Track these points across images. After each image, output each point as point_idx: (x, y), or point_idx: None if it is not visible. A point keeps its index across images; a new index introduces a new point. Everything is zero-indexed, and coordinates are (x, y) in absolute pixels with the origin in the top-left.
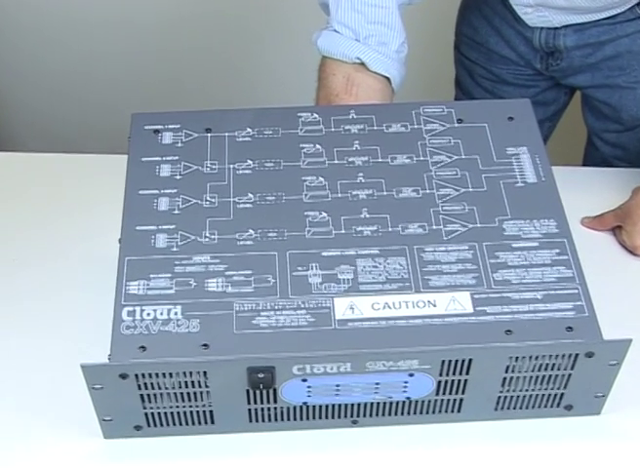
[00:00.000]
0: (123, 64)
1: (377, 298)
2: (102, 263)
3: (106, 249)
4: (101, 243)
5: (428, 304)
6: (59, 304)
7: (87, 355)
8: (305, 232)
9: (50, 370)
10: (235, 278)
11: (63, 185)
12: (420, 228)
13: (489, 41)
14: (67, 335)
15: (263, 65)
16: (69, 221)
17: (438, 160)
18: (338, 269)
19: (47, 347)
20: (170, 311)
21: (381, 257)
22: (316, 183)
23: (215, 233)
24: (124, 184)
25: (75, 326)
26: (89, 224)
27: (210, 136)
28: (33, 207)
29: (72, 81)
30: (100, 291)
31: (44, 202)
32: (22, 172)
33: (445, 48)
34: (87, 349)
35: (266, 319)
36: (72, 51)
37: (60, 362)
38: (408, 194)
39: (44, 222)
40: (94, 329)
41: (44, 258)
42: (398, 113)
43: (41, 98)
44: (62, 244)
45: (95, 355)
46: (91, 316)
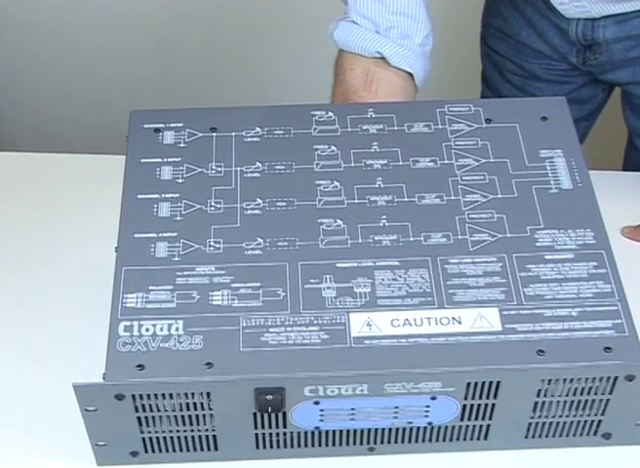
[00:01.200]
0: (121, 58)
1: (396, 314)
2: (97, 273)
3: (102, 258)
4: (96, 251)
5: (453, 321)
6: (48, 318)
7: (79, 374)
8: (319, 241)
9: (37, 390)
10: (242, 291)
11: (55, 188)
12: (445, 238)
13: (519, 33)
14: (57, 352)
15: (274, 59)
16: (61, 227)
17: (464, 163)
18: (354, 282)
19: (35, 365)
20: (170, 326)
21: (402, 269)
22: (331, 188)
23: (220, 242)
24: (121, 188)
25: (66, 342)
26: (82, 231)
27: (215, 135)
28: (21, 211)
29: (65, 75)
30: (94, 303)
31: (33, 206)
32: (10, 172)
33: (471, 40)
34: (79, 367)
35: (276, 336)
36: (67, 44)
37: (49, 381)
38: (431, 200)
39: (33, 228)
40: (87, 345)
41: (32, 267)
42: (421, 112)
43: (32, 94)
44: (53, 252)
45: (88, 374)
46: (84, 331)
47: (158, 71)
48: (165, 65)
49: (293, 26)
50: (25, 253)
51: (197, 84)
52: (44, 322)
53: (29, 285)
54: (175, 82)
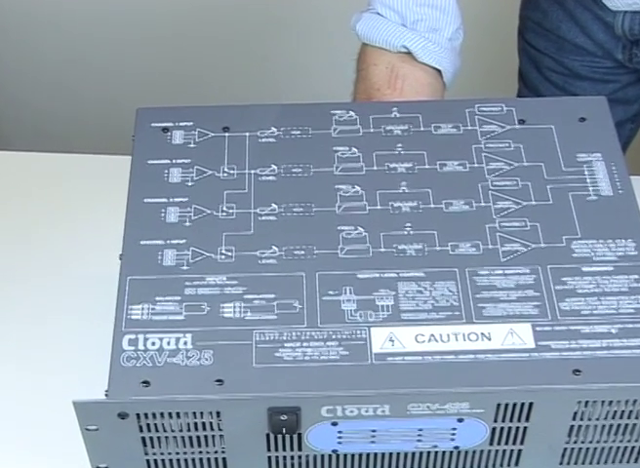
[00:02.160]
0: (127, 53)
1: (421, 329)
2: (100, 283)
3: (105, 266)
4: (99, 259)
5: (482, 337)
6: (47, 330)
7: (80, 390)
8: (338, 250)
9: (35, 406)
10: (255, 302)
11: (55, 190)
12: (474, 248)
13: (560, 27)
14: (57, 367)
15: (291, 54)
16: (61, 233)
17: (495, 167)
18: (376, 294)
19: (33, 380)
20: (178, 340)
21: (427, 281)
22: (351, 193)
23: (232, 250)
24: (126, 191)
25: (66, 356)
26: (84, 237)
27: (227, 135)
28: (19, 215)
29: (68, 71)
30: (96, 315)
31: (31, 210)
32: (8, 173)
33: (507, 34)
34: (80, 383)
35: (291, 351)
36: (69, 38)
37: (47, 397)
38: (459, 207)
39: (31, 234)
40: (88, 359)
41: (31, 276)
42: (449, 112)
43: (32, 91)
44: (52, 260)
45: (89, 390)
46: (85, 344)
47: (167, 67)
48: (174, 61)
49: (311, 18)
50: (24, 262)
51: (209, 80)
52: (43, 334)
53: (27, 294)
54: (185, 78)
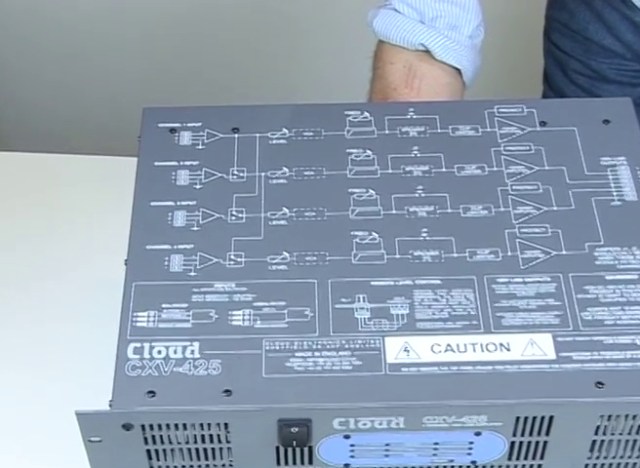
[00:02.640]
0: (132, 51)
1: (437, 339)
2: (104, 289)
3: (109, 272)
4: (103, 264)
5: (501, 348)
6: (49, 337)
7: (83, 400)
8: (351, 256)
9: (37, 417)
10: (265, 310)
11: (57, 193)
12: (492, 254)
13: (587, 28)
14: (59, 376)
15: (303, 52)
16: (64, 237)
17: (515, 171)
18: (390, 302)
19: (34, 390)
20: (185, 349)
21: (444, 289)
22: (365, 197)
23: (241, 255)
24: (132, 193)
25: (69, 365)
26: (88, 242)
27: (237, 136)
28: (19, 218)
29: (70, 69)
30: (100, 322)
31: (32, 213)
32: (8, 174)
33: (531, 34)
34: (83, 393)
35: (302, 361)
36: (69, 33)
37: (49, 407)
38: (477, 212)
39: (32, 238)
40: (92, 368)
41: (31, 282)
42: (468, 113)
43: (30, 88)
44: (55, 265)
45: (92, 400)
46: (88, 353)
47: (174, 65)
48: (182, 59)
49: (325, 14)
50: (24, 267)
51: (218, 80)
52: (44, 342)
53: (28, 301)
54: (193, 77)
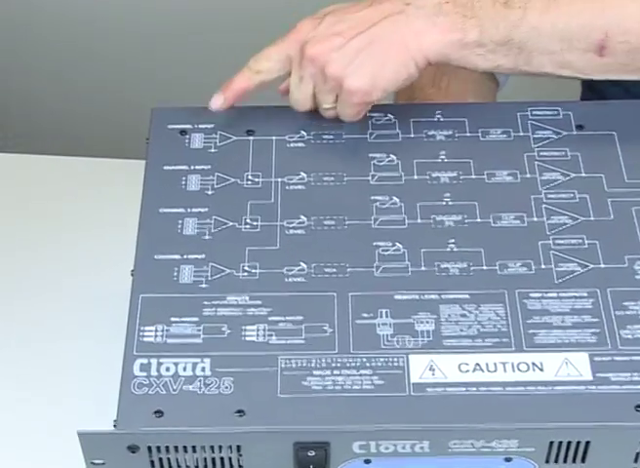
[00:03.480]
0: (140, 47)
1: (465, 357)
2: (109, 301)
3: (115, 282)
4: (108, 275)
5: (533, 367)
6: (49, 353)
7: (85, 419)
8: (374, 268)
9: (37, 437)
10: (281, 325)
11: (60, 198)
12: (525, 267)
13: None
14: (61, 394)
15: None
16: (66, 246)
17: (550, 178)
18: (415, 318)
19: (34, 407)
20: (195, 366)
21: (472, 304)
22: (389, 205)
23: (256, 266)
24: (139, 199)
25: (71, 382)
26: (92, 250)
27: (252, 139)
28: (17, 224)
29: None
30: (104, 337)
31: (32, 218)
32: (5, 176)
33: None
34: (86, 412)
35: (320, 380)
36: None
37: (50, 427)
38: (509, 222)
39: (31, 246)
40: (95, 386)
41: (31, 292)
42: (499, 116)
43: (31, 86)
44: (56, 275)
45: (96, 419)
46: (92, 370)
47: (185, 62)
48: (192, 55)
49: None
50: (23, 278)
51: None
52: (45, 358)
53: (27, 314)
54: (204, 76)
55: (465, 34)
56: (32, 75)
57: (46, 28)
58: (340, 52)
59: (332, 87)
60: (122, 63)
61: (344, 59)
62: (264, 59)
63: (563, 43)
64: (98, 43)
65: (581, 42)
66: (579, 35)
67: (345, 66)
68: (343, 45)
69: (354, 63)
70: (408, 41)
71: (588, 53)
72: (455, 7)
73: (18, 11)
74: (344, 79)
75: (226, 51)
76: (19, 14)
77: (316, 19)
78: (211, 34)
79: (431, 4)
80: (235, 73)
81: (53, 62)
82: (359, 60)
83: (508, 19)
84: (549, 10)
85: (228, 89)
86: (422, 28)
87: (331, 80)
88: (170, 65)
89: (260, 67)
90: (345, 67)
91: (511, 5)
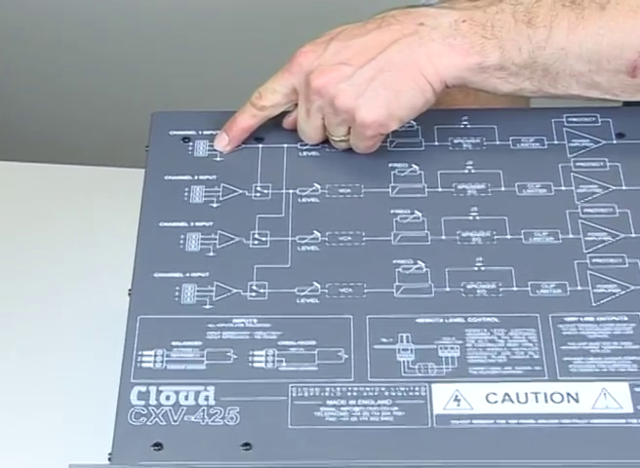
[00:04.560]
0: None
1: (493, 387)
2: (104, 323)
3: (110, 303)
4: (103, 294)
5: (568, 398)
6: (39, 379)
7: (78, 452)
8: (393, 288)
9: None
10: (292, 351)
11: (51, 209)
12: (559, 289)
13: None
14: (51, 424)
15: None
16: (58, 262)
17: (587, 191)
18: (438, 343)
19: (24, 438)
20: (198, 394)
21: (502, 329)
22: (411, 219)
23: (265, 286)
24: (138, 212)
25: (65, 410)
26: (85, 268)
27: (261, 147)
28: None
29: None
30: (99, 362)
31: (21, 231)
32: None
33: None
34: (78, 444)
35: (335, 411)
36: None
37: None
38: (542, 239)
39: (19, 263)
40: (89, 416)
41: (19, 314)
42: (532, 122)
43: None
44: (46, 295)
45: (89, 452)
46: (85, 398)
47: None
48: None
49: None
50: (10, 297)
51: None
52: (34, 384)
53: (16, 336)
54: (208, 79)
55: (485, 57)
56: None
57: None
58: (350, 82)
59: (343, 119)
60: (121, 65)
61: (355, 90)
62: (269, 93)
63: (592, 64)
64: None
65: (612, 62)
66: (609, 55)
67: (356, 97)
68: (352, 74)
69: (366, 94)
70: (422, 65)
71: (619, 74)
72: (472, 26)
73: (11, 12)
74: (357, 111)
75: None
76: (12, 15)
77: (320, 45)
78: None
79: (446, 23)
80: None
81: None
82: (371, 90)
83: (532, 40)
84: (577, 29)
85: (232, 128)
86: (438, 51)
87: (342, 112)
88: (172, 67)
89: (264, 103)
90: (357, 98)
91: (535, 23)
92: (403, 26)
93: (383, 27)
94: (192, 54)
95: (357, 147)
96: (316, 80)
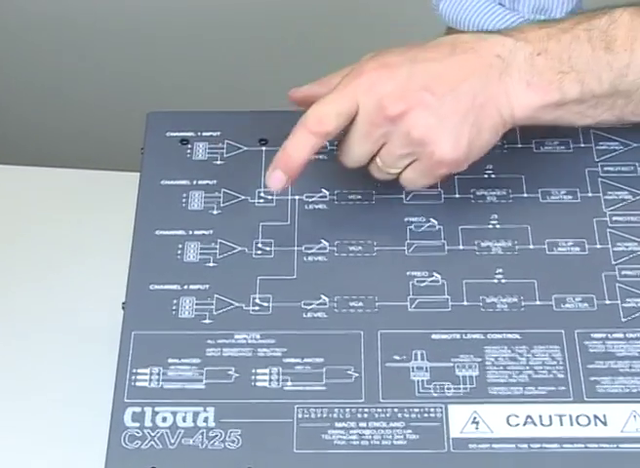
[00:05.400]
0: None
1: (514, 409)
2: (95, 339)
3: (102, 317)
4: (95, 308)
5: (595, 421)
6: (25, 398)
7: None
8: (407, 302)
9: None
10: (298, 369)
11: (39, 214)
12: (585, 303)
13: None
14: (40, 447)
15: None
16: (45, 272)
17: (616, 198)
18: (455, 361)
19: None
20: (197, 416)
21: (524, 346)
22: (426, 227)
23: (268, 299)
24: (132, 219)
25: (50, 433)
26: (75, 279)
27: (265, 150)
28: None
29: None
30: (90, 381)
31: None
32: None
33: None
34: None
35: (344, 434)
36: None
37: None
38: (567, 249)
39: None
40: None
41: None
42: None
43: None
44: (32, 308)
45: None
46: (74, 418)
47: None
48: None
49: None
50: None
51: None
52: (18, 407)
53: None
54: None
55: (564, 94)
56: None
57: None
58: (431, 112)
59: (413, 152)
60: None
61: (437, 123)
62: (332, 119)
63: None
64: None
65: None
66: None
67: (439, 131)
68: (434, 104)
69: (450, 128)
70: (500, 104)
71: None
72: (548, 61)
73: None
74: (436, 146)
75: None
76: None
77: (391, 65)
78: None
79: (521, 57)
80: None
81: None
82: (456, 125)
83: (613, 67)
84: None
85: (288, 163)
86: (515, 90)
87: (416, 145)
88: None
89: (328, 128)
90: (439, 132)
91: (614, 48)
92: (479, 56)
93: (459, 54)
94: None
95: (414, 183)
96: (393, 106)
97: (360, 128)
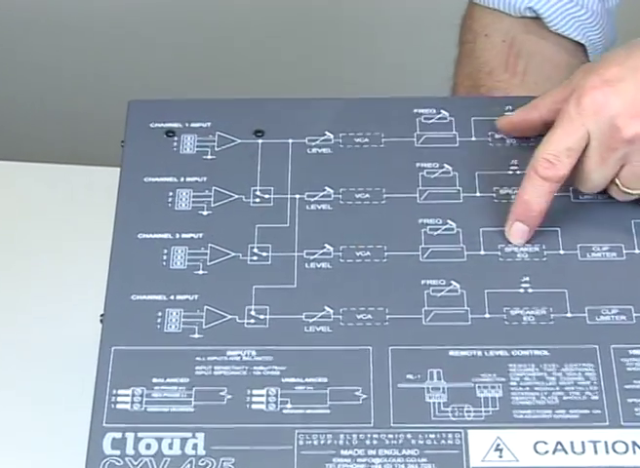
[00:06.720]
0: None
1: (543, 434)
2: (71, 355)
3: (78, 331)
4: (70, 320)
5: (634, 448)
6: None
7: None
8: (422, 314)
9: None
10: (299, 389)
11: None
12: (622, 315)
13: None
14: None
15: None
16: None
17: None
18: (476, 381)
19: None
20: (185, 443)
21: (553, 363)
22: (442, 231)
23: (265, 311)
24: (112, 221)
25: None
26: (50, 288)
27: (261, 143)
28: None
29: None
30: (65, 402)
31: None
32: None
33: None
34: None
35: (350, 462)
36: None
37: None
38: (601, 254)
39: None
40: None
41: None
42: None
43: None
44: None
45: None
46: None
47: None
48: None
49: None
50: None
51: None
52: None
53: None
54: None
55: None
56: None
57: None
58: None
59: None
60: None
61: None
62: (565, 157)
63: None
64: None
65: None
66: None
67: None
68: None
69: None
70: None
71: None
72: None
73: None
74: None
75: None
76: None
77: (611, 81)
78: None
79: None
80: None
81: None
82: None
83: None
84: None
85: (530, 216)
86: None
87: None
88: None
89: (562, 171)
90: None
91: None
92: None
93: None
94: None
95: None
96: (628, 126)
97: (595, 154)
